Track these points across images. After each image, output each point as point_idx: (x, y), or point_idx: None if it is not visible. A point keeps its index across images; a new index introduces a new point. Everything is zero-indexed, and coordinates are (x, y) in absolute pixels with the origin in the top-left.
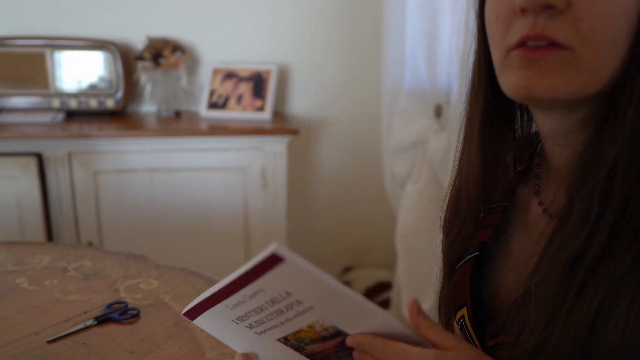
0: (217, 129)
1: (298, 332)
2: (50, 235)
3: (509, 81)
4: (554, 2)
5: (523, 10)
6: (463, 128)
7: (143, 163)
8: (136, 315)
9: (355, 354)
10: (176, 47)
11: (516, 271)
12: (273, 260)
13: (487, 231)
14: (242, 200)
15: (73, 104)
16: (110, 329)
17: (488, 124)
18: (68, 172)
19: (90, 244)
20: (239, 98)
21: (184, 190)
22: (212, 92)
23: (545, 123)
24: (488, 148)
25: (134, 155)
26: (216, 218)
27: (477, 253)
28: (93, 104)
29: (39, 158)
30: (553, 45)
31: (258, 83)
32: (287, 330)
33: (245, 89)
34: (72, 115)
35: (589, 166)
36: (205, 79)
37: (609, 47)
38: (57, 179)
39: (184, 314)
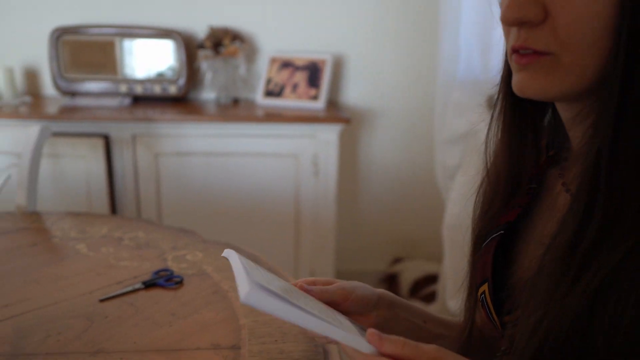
0: (272, 116)
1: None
2: (114, 210)
3: (513, 81)
4: (528, 18)
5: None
6: (495, 114)
7: (201, 147)
8: (179, 283)
9: None
10: (236, 36)
11: (536, 250)
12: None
13: (514, 211)
14: (293, 187)
15: (139, 89)
16: (155, 293)
17: (513, 110)
18: (132, 153)
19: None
20: (295, 87)
21: (238, 175)
22: (268, 81)
23: (560, 111)
24: (514, 132)
25: (193, 139)
26: (268, 203)
27: (502, 232)
28: (157, 90)
29: (106, 139)
30: (537, 52)
31: (313, 72)
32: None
33: (300, 78)
34: (137, 100)
35: (581, 154)
36: (262, 68)
37: (588, 48)
38: (122, 159)
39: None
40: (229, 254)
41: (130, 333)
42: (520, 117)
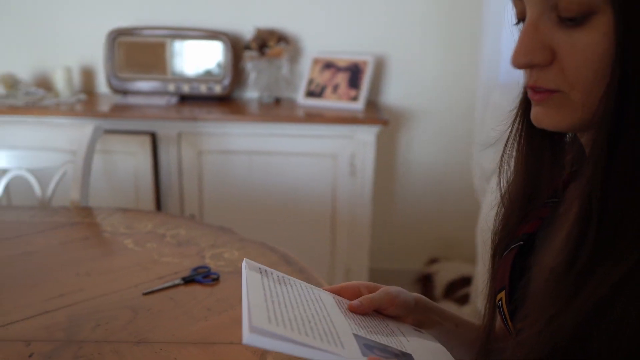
0: (312, 117)
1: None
2: (158, 205)
3: (531, 112)
4: (536, 62)
5: None
6: (512, 135)
7: (243, 145)
8: (216, 279)
9: None
10: (280, 38)
11: (551, 261)
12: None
13: (534, 223)
14: (331, 186)
15: (186, 88)
16: (193, 288)
17: (532, 132)
18: (176, 151)
19: (192, 216)
20: (335, 87)
21: (278, 173)
22: (310, 81)
23: (578, 135)
24: (531, 153)
25: (235, 138)
26: (305, 201)
27: (521, 242)
28: (203, 89)
29: (153, 137)
30: (548, 90)
31: (354, 73)
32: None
33: (341, 78)
34: (184, 99)
35: (584, 174)
36: (305, 68)
37: (593, 87)
38: (168, 156)
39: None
40: (243, 274)
41: (170, 326)
42: (538, 139)
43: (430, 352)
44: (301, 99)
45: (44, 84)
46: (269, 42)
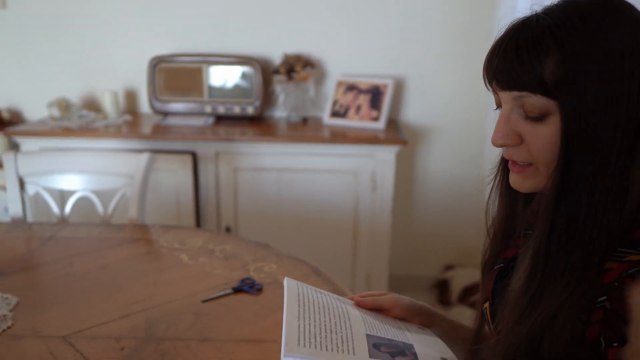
0: (336, 137)
1: None
2: (198, 217)
3: (510, 179)
4: (509, 144)
5: None
6: (494, 184)
7: (273, 163)
8: (260, 289)
9: None
10: (307, 63)
11: (516, 284)
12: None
13: (512, 250)
14: (353, 201)
15: (221, 109)
16: (241, 297)
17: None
18: (214, 168)
19: (227, 229)
20: (358, 108)
21: (304, 188)
22: (335, 102)
23: None
24: (508, 199)
25: (266, 157)
26: (329, 214)
27: (502, 265)
28: (236, 110)
29: (194, 156)
30: (524, 164)
31: (375, 95)
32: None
33: (363, 100)
34: (219, 119)
35: (537, 227)
36: (330, 90)
37: (551, 163)
38: (206, 173)
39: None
40: (285, 292)
41: (226, 327)
42: (514, 191)
43: (429, 343)
44: (326, 118)
45: (92, 105)
46: (296, 66)
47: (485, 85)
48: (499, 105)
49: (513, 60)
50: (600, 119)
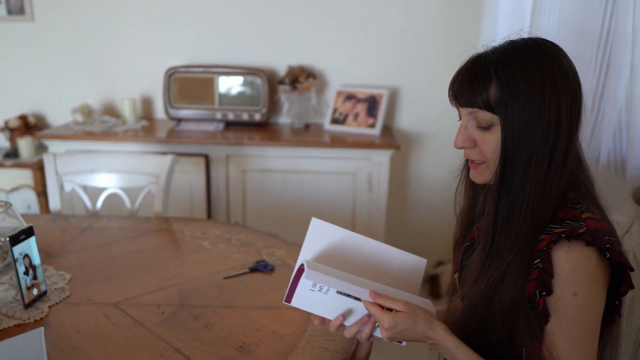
0: (335, 142)
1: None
2: (209, 214)
3: (469, 174)
4: (466, 147)
5: None
6: (461, 178)
7: (279, 165)
8: (272, 269)
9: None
10: (309, 74)
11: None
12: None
13: (476, 232)
14: (351, 200)
15: (231, 116)
16: (257, 276)
17: (471, 182)
18: (225, 170)
19: (236, 223)
20: (356, 116)
21: (306, 188)
22: (335, 110)
23: None
24: (471, 191)
25: (272, 159)
26: (329, 212)
27: (468, 244)
28: (245, 116)
29: (206, 158)
30: (479, 162)
31: (372, 104)
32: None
33: (361, 108)
34: (229, 125)
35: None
36: (330, 99)
37: (496, 162)
38: (218, 174)
39: (284, 301)
40: (313, 225)
41: (246, 297)
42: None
43: (420, 301)
44: (327, 125)
45: (112, 111)
46: (299, 77)
47: (450, 102)
48: (460, 118)
49: (467, 87)
50: (526, 130)
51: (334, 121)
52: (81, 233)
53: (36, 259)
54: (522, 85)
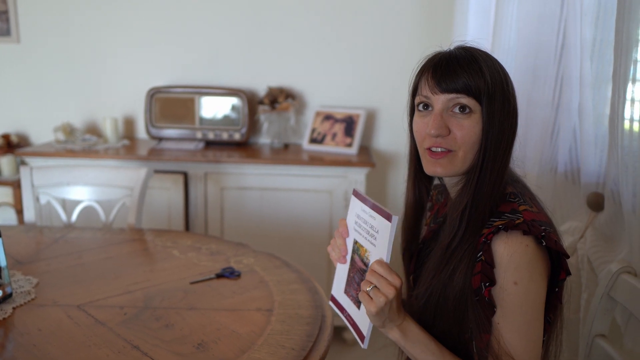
0: (313, 160)
1: (361, 246)
2: (187, 229)
3: (425, 167)
4: (441, 134)
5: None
6: (408, 175)
7: (257, 183)
8: (238, 275)
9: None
10: (288, 95)
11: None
12: (388, 215)
13: (429, 233)
14: (328, 217)
15: (211, 135)
16: (223, 281)
17: (417, 177)
18: (203, 187)
19: None
20: (334, 135)
21: (284, 205)
22: (313, 130)
23: (445, 180)
24: (416, 186)
25: (250, 177)
26: (307, 229)
27: (421, 245)
28: (225, 136)
29: (185, 176)
30: (446, 150)
31: (349, 124)
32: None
33: (339, 128)
34: (209, 144)
35: (453, 202)
36: (309, 119)
37: (470, 149)
38: (196, 191)
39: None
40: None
41: (210, 300)
42: (420, 179)
43: None
44: (305, 144)
45: (94, 130)
46: (278, 98)
47: (419, 91)
48: (425, 108)
49: (459, 70)
50: (500, 123)
51: (313, 141)
52: (53, 243)
53: (2, 261)
54: (500, 79)
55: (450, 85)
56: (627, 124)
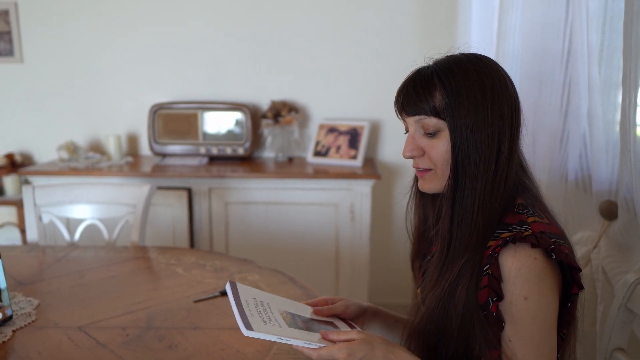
0: (318, 173)
1: (282, 314)
2: (192, 247)
3: (418, 185)
4: (415, 155)
5: None
6: (411, 194)
7: (261, 197)
8: None
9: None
10: (292, 108)
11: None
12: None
13: (435, 247)
14: (334, 230)
15: (214, 150)
16: (227, 299)
17: (421, 193)
18: (208, 202)
19: None
20: (338, 148)
21: (289, 219)
22: (317, 143)
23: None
24: (421, 205)
25: (255, 192)
26: (312, 243)
27: (429, 258)
28: (228, 151)
29: (189, 191)
30: (425, 169)
31: (353, 136)
32: (281, 307)
33: (343, 141)
34: (213, 159)
35: (442, 217)
36: (313, 132)
37: (446, 167)
38: (200, 206)
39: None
40: (229, 291)
41: (214, 319)
42: (425, 197)
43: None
44: (310, 157)
45: (97, 148)
46: (282, 111)
47: (397, 115)
48: (407, 130)
49: (413, 95)
50: (473, 133)
51: (317, 154)
52: (55, 262)
53: (2, 283)
54: (465, 89)
55: (411, 109)
56: (639, 130)
